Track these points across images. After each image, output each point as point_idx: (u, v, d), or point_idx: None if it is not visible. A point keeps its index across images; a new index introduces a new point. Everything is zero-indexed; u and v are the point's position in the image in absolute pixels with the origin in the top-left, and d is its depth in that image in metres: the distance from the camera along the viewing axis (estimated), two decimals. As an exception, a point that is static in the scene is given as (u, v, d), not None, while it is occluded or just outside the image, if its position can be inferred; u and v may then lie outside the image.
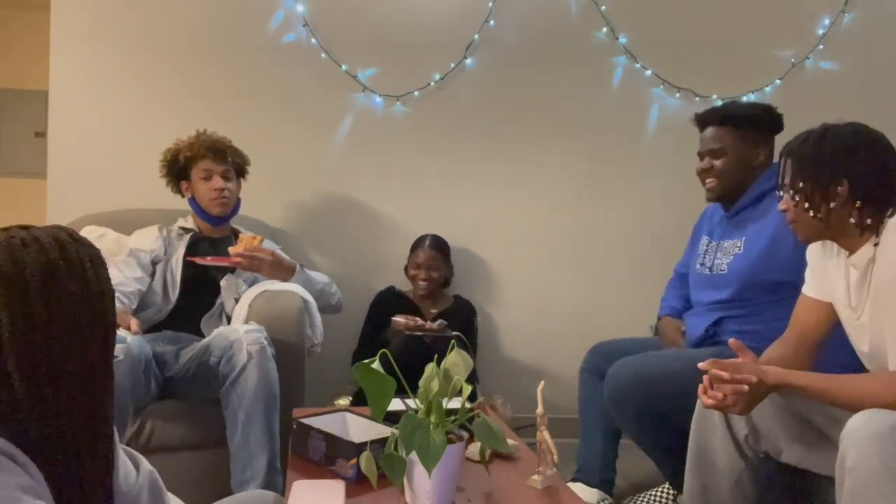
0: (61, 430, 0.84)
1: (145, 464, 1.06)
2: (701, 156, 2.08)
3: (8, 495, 0.74)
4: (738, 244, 1.99)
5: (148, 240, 2.25)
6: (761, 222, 1.95)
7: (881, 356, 1.39)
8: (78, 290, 0.86)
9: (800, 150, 1.43)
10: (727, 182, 2.02)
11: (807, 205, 1.40)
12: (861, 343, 1.45)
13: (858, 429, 1.15)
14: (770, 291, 1.90)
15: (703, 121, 2.08)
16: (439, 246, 2.72)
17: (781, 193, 1.48)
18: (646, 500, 2.10)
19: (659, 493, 2.10)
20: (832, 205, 1.38)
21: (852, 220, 1.38)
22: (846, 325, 1.49)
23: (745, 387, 1.35)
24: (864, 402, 1.22)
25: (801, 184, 1.41)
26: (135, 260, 2.17)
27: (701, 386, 1.43)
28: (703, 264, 2.09)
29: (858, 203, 1.36)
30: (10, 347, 0.81)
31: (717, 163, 2.02)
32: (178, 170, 2.31)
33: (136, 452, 1.06)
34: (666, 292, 2.34)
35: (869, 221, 1.37)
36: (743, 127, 2.00)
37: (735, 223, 2.04)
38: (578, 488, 2.15)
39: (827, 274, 1.52)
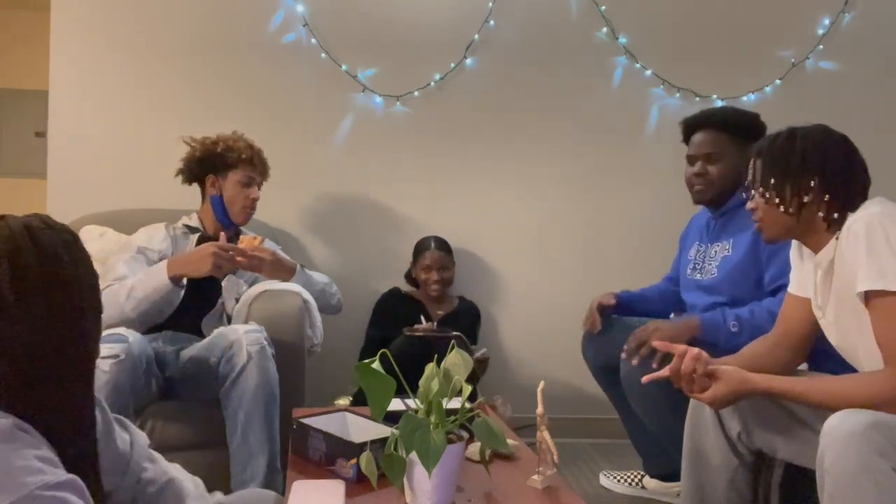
0: (46, 407, 0.87)
1: (135, 429, 1.10)
2: (692, 159, 2.07)
3: (30, 465, 0.78)
4: (727, 246, 2.00)
5: (156, 238, 2.22)
6: (747, 222, 1.96)
7: (849, 355, 1.44)
8: (49, 275, 0.87)
9: (770, 149, 1.47)
10: (721, 187, 2.02)
11: (778, 201, 1.44)
12: (832, 341, 1.49)
13: (835, 428, 1.17)
14: (760, 288, 1.91)
15: (695, 124, 2.07)
16: (444, 246, 2.73)
17: (753, 193, 1.51)
18: (617, 478, 2.29)
19: (631, 475, 2.28)
20: (805, 199, 1.41)
21: (821, 215, 1.41)
22: (820, 324, 1.52)
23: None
24: (840, 403, 1.24)
25: (772, 181, 1.45)
26: (143, 258, 2.15)
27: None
28: (694, 269, 2.11)
29: (827, 197, 1.40)
30: None
31: (712, 168, 2.02)
32: (213, 163, 2.26)
33: (124, 419, 1.09)
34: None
35: (836, 216, 1.40)
36: (738, 133, 2.01)
37: (722, 226, 2.05)
38: (654, 484, 2.21)
39: (803, 273, 1.56)
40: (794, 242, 1.58)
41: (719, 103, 2.95)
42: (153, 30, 2.71)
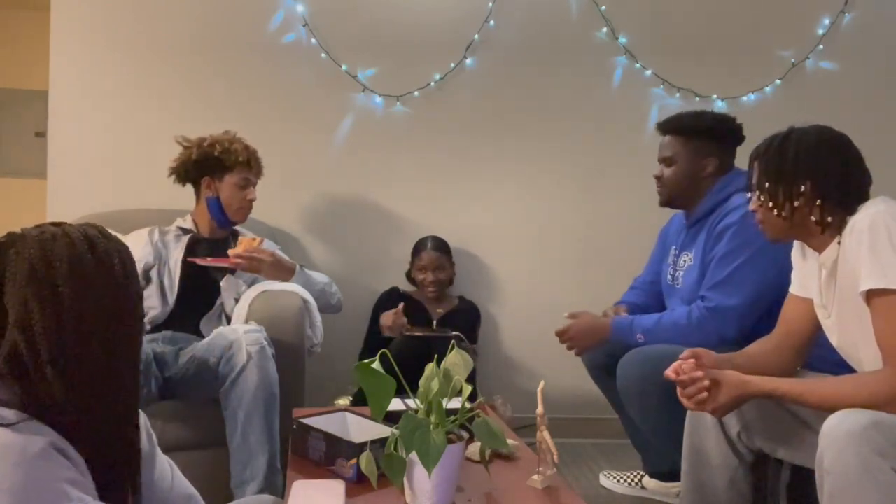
0: (91, 417, 0.87)
1: (181, 477, 1.10)
2: (658, 163, 2.14)
3: (56, 487, 0.78)
4: (690, 256, 2.05)
5: (136, 247, 2.19)
6: (706, 233, 2.00)
7: (849, 355, 1.45)
8: (105, 283, 0.89)
9: (765, 152, 1.47)
10: (673, 190, 2.09)
11: (771, 204, 1.45)
12: (833, 341, 1.49)
13: (834, 429, 1.17)
14: None
15: (660, 128, 2.15)
16: (441, 247, 2.72)
17: (750, 195, 1.52)
18: (617, 478, 2.30)
19: (631, 475, 2.28)
20: (796, 204, 1.42)
21: (813, 218, 1.42)
22: (822, 323, 1.52)
23: (705, 393, 1.41)
24: (840, 404, 1.24)
25: (766, 184, 1.46)
26: None
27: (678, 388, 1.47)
28: (671, 275, 2.14)
29: (819, 202, 1.40)
30: (41, 337, 0.84)
31: (667, 171, 2.10)
32: (210, 166, 2.25)
33: (174, 464, 1.09)
34: (625, 296, 2.37)
35: (830, 220, 1.40)
36: (692, 137, 2.06)
37: (691, 234, 2.09)
38: (653, 485, 2.22)
39: (806, 273, 1.56)
40: (797, 242, 1.59)
41: (719, 103, 2.96)
42: (153, 30, 2.71)
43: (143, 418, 1.01)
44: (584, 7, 2.90)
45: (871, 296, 1.29)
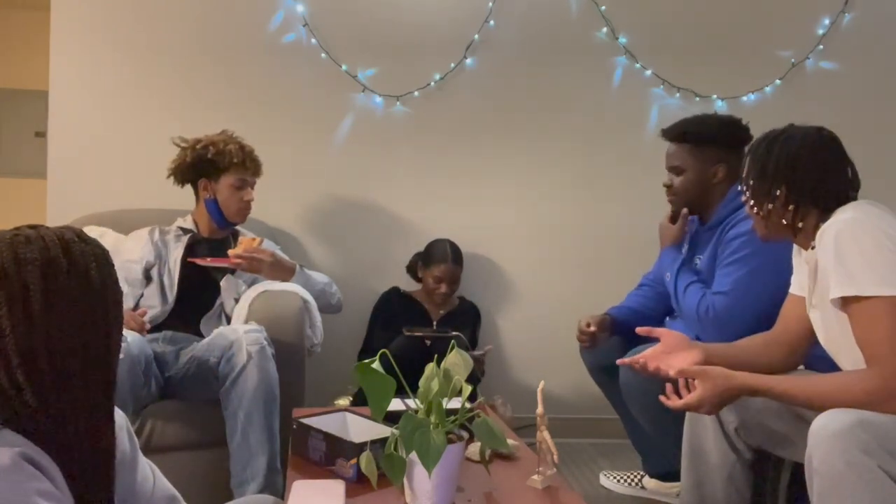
0: (65, 425, 0.85)
1: (163, 479, 1.08)
2: (667, 171, 2.10)
3: (26, 501, 0.75)
4: (702, 259, 2.05)
5: (137, 247, 2.22)
6: (716, 239, 1.99)
7: (834, 354, 1.47)
8: (79, 288, 0.87)
9: (756, 149, 1.49)
10: (686, 200, 2.06)
11: (752, 203, 1.47)
12: (820, 340, 1.51)
13: (820, 429, 1.18)
14: None
15: (667, 136, 2.10)
16: (460, 259, 2.70)
17: (740, 188, 1.54)
18: (617, 478, 2.29)
19: (631, 475, 2.29)
20: (770, 206, 1.44)
21: (784, 222, 1.44)
22: (812, 322, 1.53)
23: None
24: (823, 403, 1.25)
25: (750, 181, 1.48)
26: (123, 274, 2.13)
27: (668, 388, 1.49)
28: None
29: (792, 207, 1.42)
30: (11, 342, 0.82)
31: (677, 180, 2.06)
32: (205, 168, 2.25)
33: (155, 466, 1.07)
34: (627, 297, 2.36)
35: (800, 225, 1.42)
36: (701, 144, 2.01)
37: (705, 238, 2.07)
38: (653, 485, 2.22)
39: (801, 272, 1.57)
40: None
41: (719, 103, 2.96)
42: (153, 30, 2.71)
43: (125, 421, 0.99)
44: (584, 7, 2.90)
45: (845, 303, 1.31)
